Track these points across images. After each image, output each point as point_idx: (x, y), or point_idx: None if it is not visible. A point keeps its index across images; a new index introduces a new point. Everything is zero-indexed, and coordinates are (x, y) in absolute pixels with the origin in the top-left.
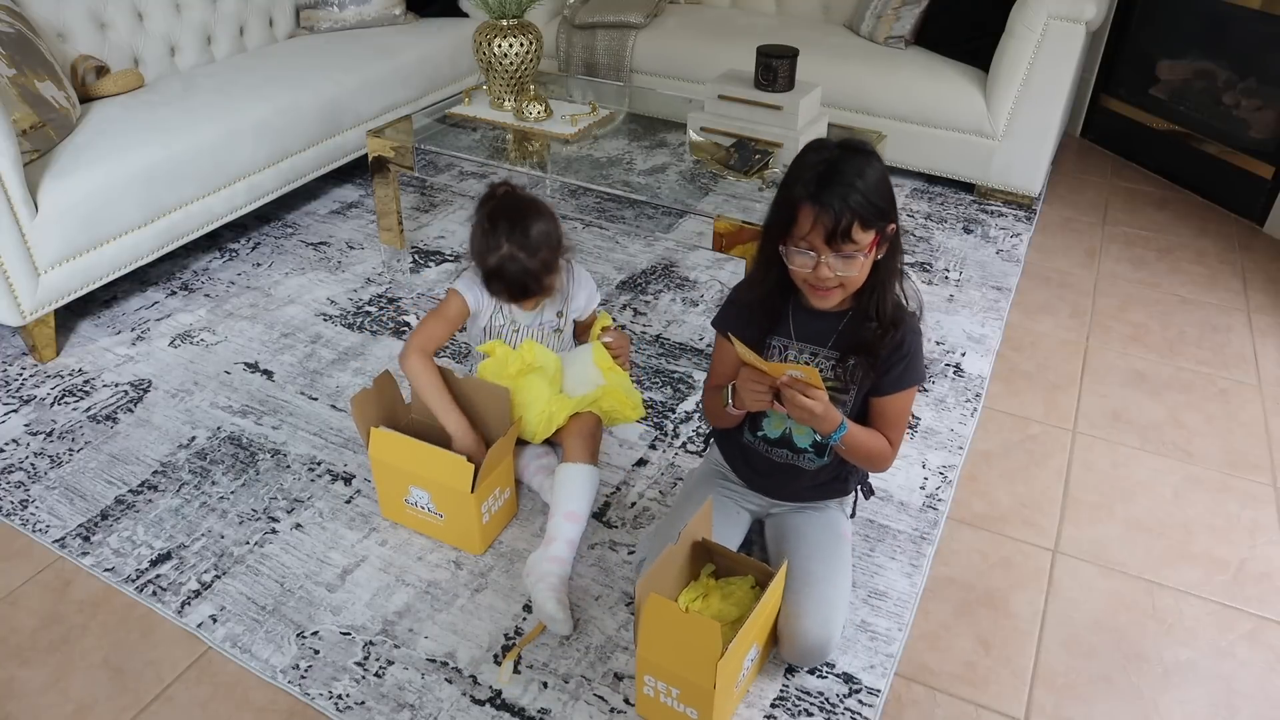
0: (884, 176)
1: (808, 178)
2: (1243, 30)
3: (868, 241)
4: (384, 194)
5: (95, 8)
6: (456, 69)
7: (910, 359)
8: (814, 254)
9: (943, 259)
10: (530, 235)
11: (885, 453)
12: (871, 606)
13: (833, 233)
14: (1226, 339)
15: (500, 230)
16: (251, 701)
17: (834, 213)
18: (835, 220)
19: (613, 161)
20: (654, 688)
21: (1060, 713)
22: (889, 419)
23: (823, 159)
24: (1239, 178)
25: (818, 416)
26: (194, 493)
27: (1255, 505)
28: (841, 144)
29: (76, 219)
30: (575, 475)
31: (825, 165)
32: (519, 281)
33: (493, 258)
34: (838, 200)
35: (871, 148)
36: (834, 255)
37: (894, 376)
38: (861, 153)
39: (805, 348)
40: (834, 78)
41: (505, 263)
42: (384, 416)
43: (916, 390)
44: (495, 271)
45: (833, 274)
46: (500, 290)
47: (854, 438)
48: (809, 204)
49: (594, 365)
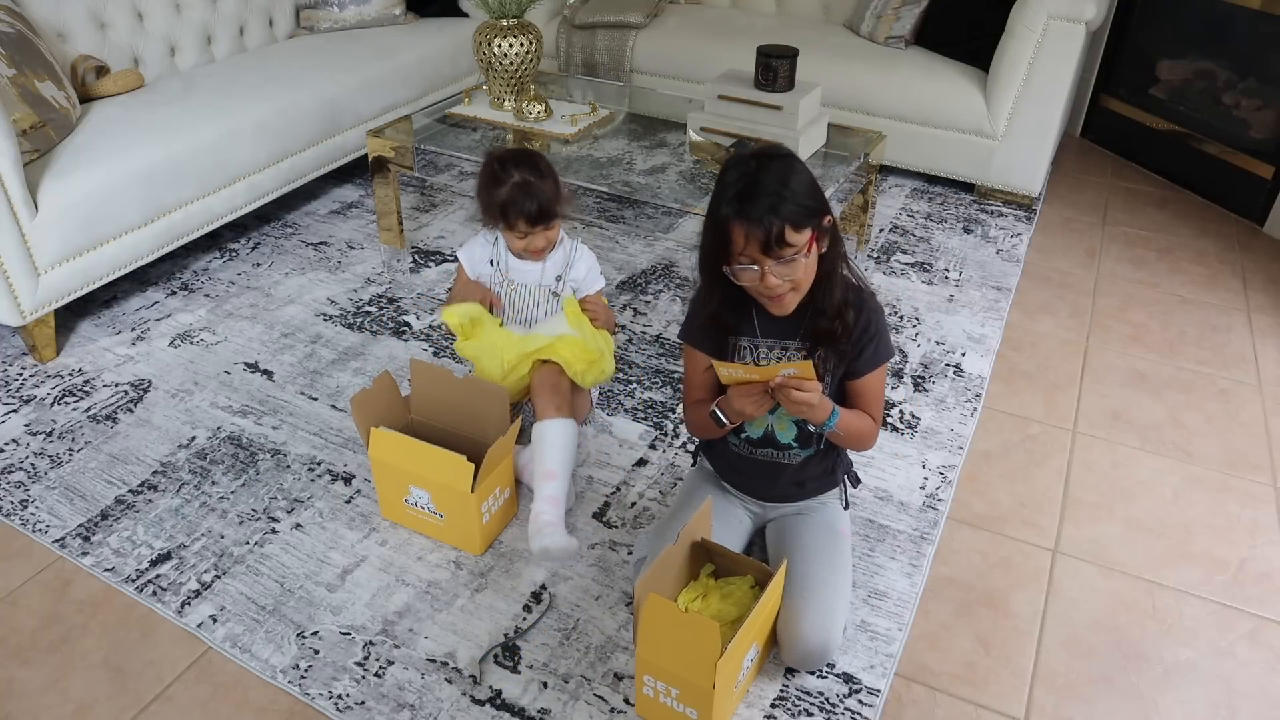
0: (806, 176)
1: (730, 195)
2: (1243, 30)
3: (804, 242)
4: (384, 194)
5: (95, 8)
6: (456, 69)
7: (879, 337)
8: (756, 267)
9: (943, 259)
10: (539, 165)
11: (871, 430)
12: (871, 606)
13: (767, 242)
14: (1226, 339)
15: (509, 165)
16: (251, 701)
17: (763, 224)
18: (767, 230)
19: (613, 161)
20: (654, 688)
21: (1060, 713)
22: (869, 397)
23: (742, 174)
24: (1239, 178)
25: (815, 407)
26: (194, 493)
27: (1255, 505)
28: (757, 154)
29: (76, 219)
30: (544, 432)
31: (745, 180)
32: (535, 201)
33: (504, 189)
34: (764, 210)
35: (787, 150)
36: (775, 262)
37: (867, 357)
38: (778, 158)
39: (775, 344)
40: (834, 78)
41: (518, 189)
42: (384, 417)
43: (887, 364)
44: (510, 199)
45: (779, 280)
46: (517, 217)
47: (845, 421)
48: (738, 221)
49: (562, 315)
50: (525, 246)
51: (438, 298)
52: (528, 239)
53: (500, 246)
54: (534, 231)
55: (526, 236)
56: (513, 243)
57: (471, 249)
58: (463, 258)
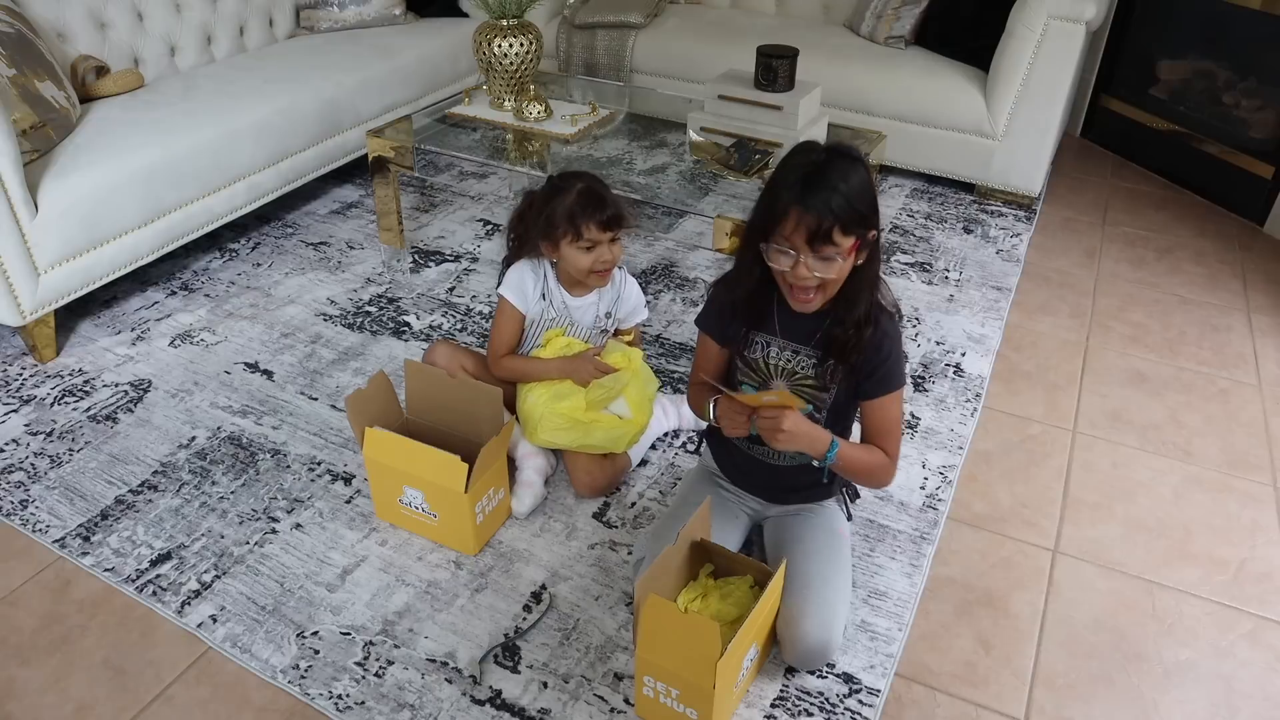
0: (869, 183)
1: (794, 179)
2: (1243, 30)
3: (848, 245)
4: (384, 194)
5: (95, 8)
6: (456, 69)
7: (890, 362)
8: (794, 253)
9: (943, 259)
10: (597, 178)
11: (883, 465)
12: (871, 606)
13: (814, 234)
14: (1226, 339)
15: (569, 179)
16: (251, 701)
17: (817, 215)
18: (818, 222)
19: (613, 161)
20: (653, 688)
21: (1060, 713)
22: (881, 429)
23: (810, 161)
24: (1239, 178)
25: (798, 438)
26: (194, 493)
27: (1255, 505)
28: (830, 148)
29: (76, 219)
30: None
31: (812, 167)
32: (606, 204)
33: (570, 196)
34: (821, 203)
35: (859, 154)
36: (813, 256)
37: (877, 379)
38: (848, 158)
39: (788, 345)
40: (834, 78)
41: (587, 195)
42: (379, 417)
43: (901, 394)
44: (581, 204)
45: (811, 274)
46: (588, 221)
47: (846, 455)
48: (794, 205)
49: (624, 400)
50: (594, 262)
51: (438, 297)
52: (596, 251)
53: (549, 280)
54: (603, 240)
55: (595, 248)
56: (579, 260)
57: (521, 283)
58: (509, 294)
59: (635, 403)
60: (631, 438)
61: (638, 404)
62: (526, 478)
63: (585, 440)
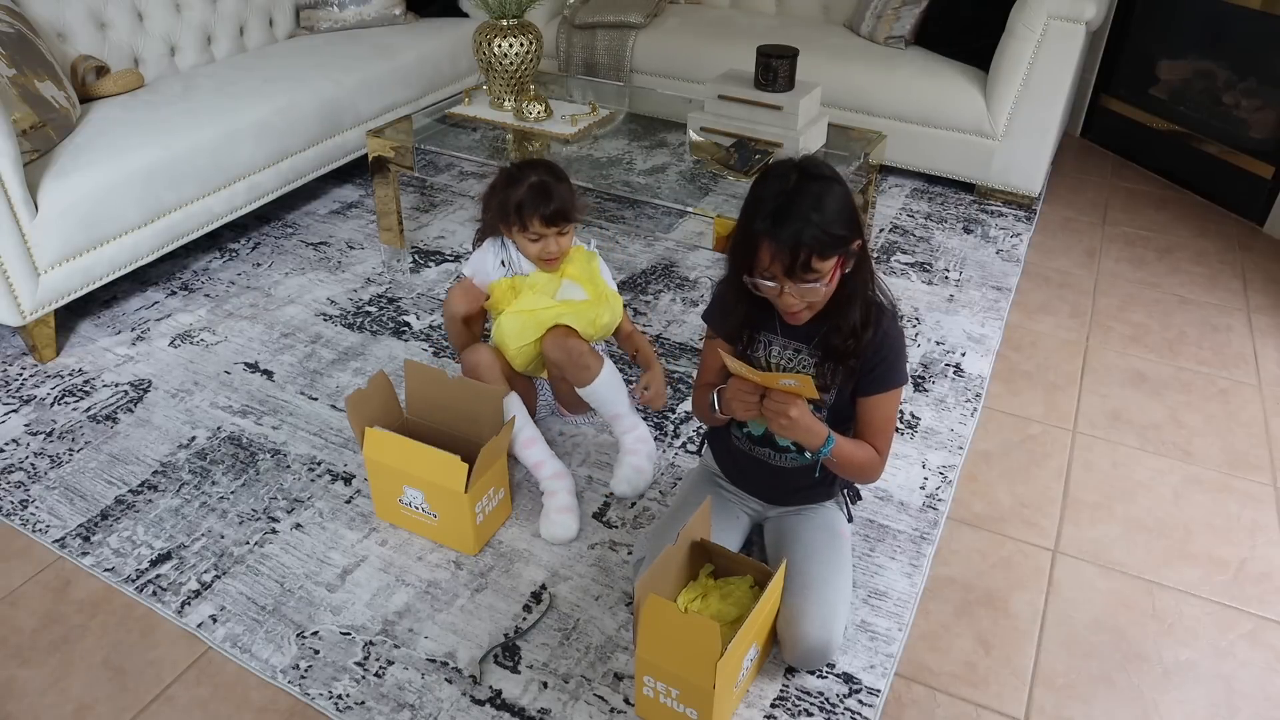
0: (845, 200)
1: (764, 211)
2: (1243, 30)
3: (829, 269)
4: (384, 194)
5: (95, 8)
6: (456, 69)
7: (890, 360)
8: (776, 283)
9: (943, 259)
10: (555, 170)
11: (874, 462)
12: (871, 606)
13: (791, 267)
14: (1226, 339)
15: (526, 168)
16: (251, 701)
17: (791, 249)
18: (793, 257)
19: (613, 161)
20: (653, 688)
21: (1060, 713)
22: (875, 425)
23: (780, 190)
24: (1239, 178)
25: (799, 428)
26: (194, 493)
27: (1255, 505)
28: (801, 168)
29: (76, 219)
30: (594, 390)
31: (782, 197)
32: (552, 201)
33: (521, 189)
34: (792, 236)
35: (831, 171)
36: (795, 284)
37: (875, 376)
38: (820, 179)
39: (789, 344)
40: (834, 78)
41: (535, 189)
42: (379, 417)
43: (899, 392)
44: (526, 198)
45: (797, 299)
46: (532, 216)
47: (841, 450)
48: (766, 239)
49: (574, 284)
50: (540, 251)
51: (438, 297)
52: (542, 243)
53: (511, 250)
54: (548, 234)
55: (541, 240)
56: (527, 248)
57: (481, 259)
58: (469, 270)
59: (582, 281)
60: (595, 321)
61: (588, 284)
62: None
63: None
